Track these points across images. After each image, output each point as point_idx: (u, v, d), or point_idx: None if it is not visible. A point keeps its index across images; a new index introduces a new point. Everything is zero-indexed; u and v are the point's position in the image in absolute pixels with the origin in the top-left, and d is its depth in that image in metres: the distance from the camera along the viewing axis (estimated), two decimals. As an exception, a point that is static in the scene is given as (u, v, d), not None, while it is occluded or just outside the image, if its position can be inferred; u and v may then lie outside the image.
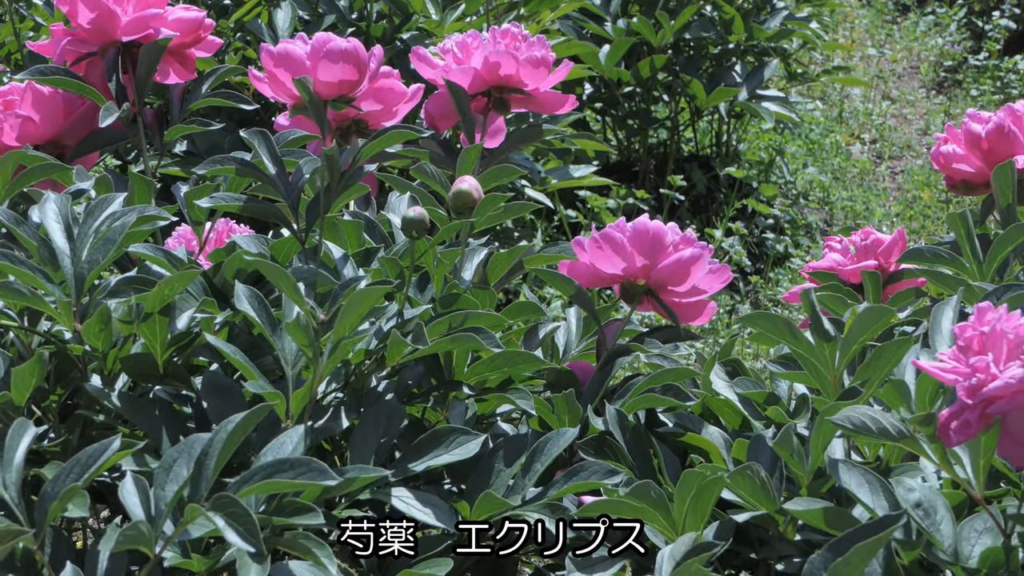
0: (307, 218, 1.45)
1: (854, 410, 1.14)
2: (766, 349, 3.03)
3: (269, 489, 1.07)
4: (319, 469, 1.05)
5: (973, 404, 1.05)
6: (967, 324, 1.07)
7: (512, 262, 1.52)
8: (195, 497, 1.06)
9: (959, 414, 1.06)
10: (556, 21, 3.44)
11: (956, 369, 1.07)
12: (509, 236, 3.17)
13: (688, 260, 1.41)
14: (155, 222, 1.35)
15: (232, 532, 1.01)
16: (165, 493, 1.07)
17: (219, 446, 1.07)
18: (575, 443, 1.34)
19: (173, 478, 1.07)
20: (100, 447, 1.09)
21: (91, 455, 1.08)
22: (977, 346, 1.07)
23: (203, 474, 1.07)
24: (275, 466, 1.06)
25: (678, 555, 1.14)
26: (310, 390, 1.25)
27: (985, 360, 1.05)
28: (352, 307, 1.23)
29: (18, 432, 1.10)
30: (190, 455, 1.08)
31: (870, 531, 1.04)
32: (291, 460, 1.06)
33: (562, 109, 1.68)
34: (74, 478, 1.08)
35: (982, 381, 1.04)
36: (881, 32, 5.98)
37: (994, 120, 1.65)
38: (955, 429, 1.06)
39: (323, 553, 1.06)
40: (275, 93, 1.50)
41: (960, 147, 1.68)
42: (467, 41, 1.65)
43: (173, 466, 1.08)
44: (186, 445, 1.08)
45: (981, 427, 1.05)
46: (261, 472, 1.07)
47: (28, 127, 1.58)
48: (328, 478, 1.04)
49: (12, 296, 1.27)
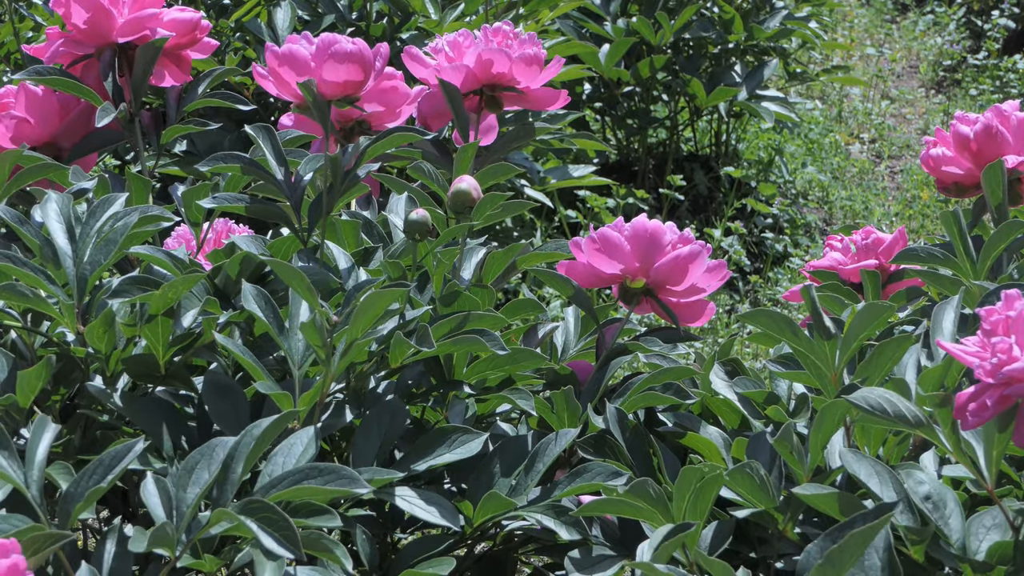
0: (309, 218, 1.45)
1: (871, 391, 1.13)
2: (765, 349, 3.04)
3: (300, 495, 1.07)
4: (349, 476, 1.05)
5: (993, 384, 1.05)
6: (993, 308, 1.08)
7: (509, 260, 1.52)
8: (221, 500, 1.06)
9: (978, 395, 1.06)
10: (556, 21, 3.44)
11: (979, 352, 1.08)
12: (509, 236, 3.18)
13: (686, 257, 1.41)
14: (158, 222, 1.35)
15: (268, 538, 1.01)
16: (187, 495, 1.07)
17: (247, 450, 1.07)
18: (574, 442, 1.34)
19: (195, 480, 1.07)
20: (123, 448, 1.08)
21: (114, 456, 1.08)
22: (1002, 330, 1.08)
23: (229, 478, 1.07)
24: (304, 472, 1.06)
25: (656, 541, 1.13)
26: (320, 391, 1.25)
27: (1008, 342, 1.06)
28: (367, 308, 1.23)
29: (39, 430, 1.10)
30: (212, 458, 1.08)
31: (867, 519, 1.04)
32: (320, 467, 1.06)
33: (555, 105, 1.68)
34: (98, 479, 1.07)
35: (1003, 361, 1.05)
36: (880, 31, 5.98)
37: (982, 121, 1.65)
38: (972, 411, 1.06)
39: (340, 552, 1.06)
40: (279, 92, 1.50)
41: (949, 150, 1.68)
42: (459, 40, 1.65)
43: (195, 469, 1.08)
44: (208, 448, 1.08)
45: (998, 410, 1.06)
46: (290, 478, 1.06)
47: (23, 128, 1.58)
48: (359, 486, 1.05)
49: (16, 298, 1.27)
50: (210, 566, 1.10)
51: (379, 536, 1.37)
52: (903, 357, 1.27)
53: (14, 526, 1.02)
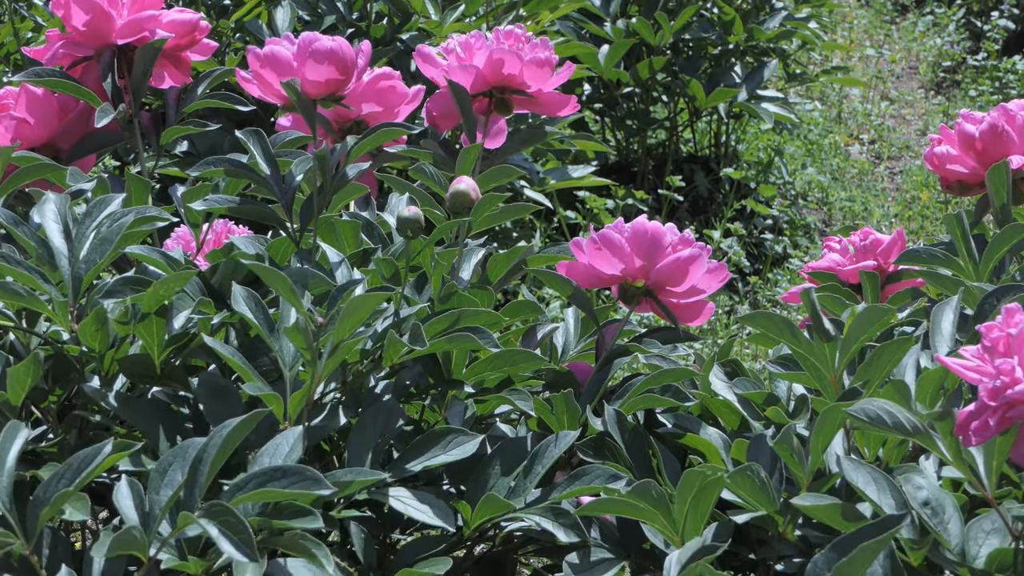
0: (301, 219, 1.45)
1: (869, 402, 1.13)
2: (765, 350, 3.03)
3: (263, 498, 1.06)
4: (313, 478, 1.05)
5: (995, 406, 1.04)
6: (994, 324, 1.07)
7: (511, 263, 1.51)
8: (189, 502, 1.06)
9: (979, 414, 1.05)
10: (555, 22, 3.43)
11: (980, 368, 1.07)
12: (508, 237, 3.17)
13: (686, 260, 1.41)
14: (154, 223, 1.35)
15: (226, 542, 1.01)
16: (160, 497, 1.06)
17: (214, 451, 1.07)
18: (574, 443, 1.34)
19: (168, 483, 1.07)
20: (92, 451, 1.08)
21: (83, 459, 1.08)
22: (1003, 348, 1.06)
23: (197, 480, 1.07)
24: (269, 474, 1.06)
25: (684, 558, 1.14)
26: (308, 392, 1.25)
27: (1011, 363, 1.04)
28: (352, 311, 1.23)
29: (10, 435, 1.10)
30: (185, 459, 1.07)
31: (874, 530, 1.03)
32: (285, 468, 1.06)
33: (564, 111, 1.68)
34: (66, 483, 1.07)
35: (1006, 384, 1.04)
36: (880, 32, 5.98)
37: (987, 120, 1.65)
38: (974, 430, 1.05)
39: (321, 552, 1.06)
40: (263, 93, 1.50)
41: (954, 148, 1.68)
42: (470, 41, 1.65)
43: (168, 470, 1.07)
44: (181, 449, 1.08)
45: (1000, 429, 1.05)
46: (255, 480, 1.06)
47: (23, 129, 1.58)
48: (322, 487, 1.04)
49: (9, 297, 1.26)
50: (195, 568, 1.10)
51: (378, 537, 1.37)
52: (903, 359, 1.27)
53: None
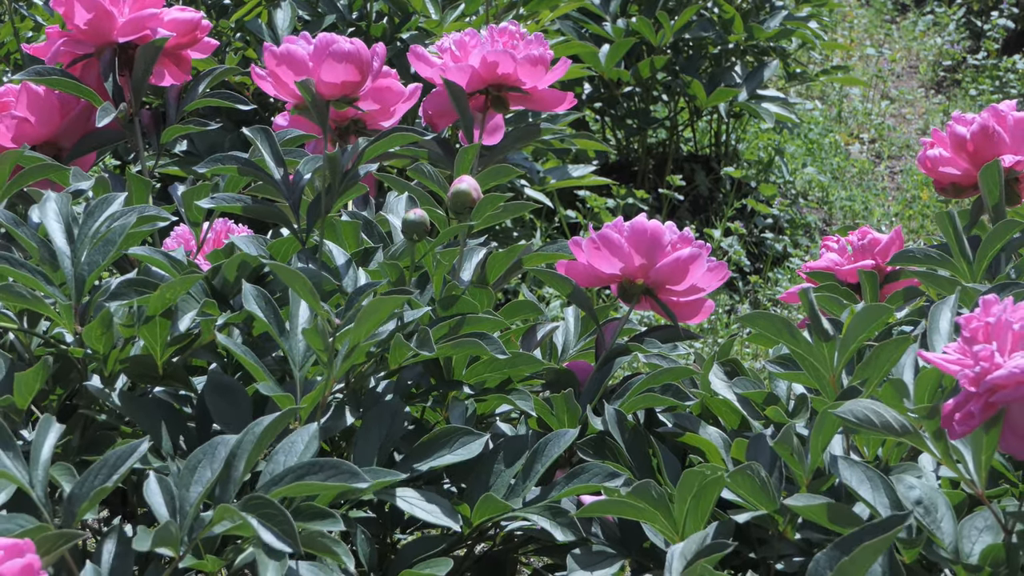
0: (308, 219, 1.45)
1: (857, 403, 1.14)
2: (765, 349, 3.04)
3: (301, 491, 1.07)
4: (350, 471, 1.05)
5: (977, 393, 1.04)
6: (972, 315, 1.07)
7: (510, 261, 1.52)
8: (224, 498, 1.07)
9: (963, 404, 1.05)
10: (556, 21, 3.44)
11: (960, 360, 1.07)
12: (508, 236, 3.17)
13: (686, 259, 1.41)
14: (155, 222, 1.35)
15: (267, 532, 1.01)
16: (190, 494, 1.07)
17: (249, 448, 1.08)
18: (574, 443, 1.34)
19: (198, 479, 1.07)
20: (128, 448, 1.08)
21: (119, 456, 1.08)
22: (982, 337, 1.06)
23: (231, 475, 1.07)
24: (306, 468, 1.07)
25: (688, 554, 1.13)
26: (323, 392, 1.25)
27: (990, 349, 1.04)
28: (370, 313, 1.23)
29: (44, 430, 1.10)
30: (214, 457, 1.08)
31: (876, 530, 1.04)
32: (320, 462, 1.06)
33: (560, 107, 1.68)
34: (103, 479, 1.07)
35: (986, 369, 1.04)
36: (880, 32, 5.98)
37: (978, 121, 1.65)
38: (958, 420, 1.05)
39: (342, 550, 1.07)
40: (277, 92, 1.50)
41: (947, 150, 1.68)
42: (465, 40, 1.65)
43: (198, 467, 1.08)
44: (210, 447, 1.08)
45: (984, 418, 1.05)
46: (292, 474, 1.07)
47: (24, 128, 1.58)
48: (359, 480, 1.04)
49: (12, 299, 1.27)
50: (212, 566, 1.10)
51: (379, 537, 1.37)
52: (901, 358, 1.27)
53: (20, 526, 1.02)
